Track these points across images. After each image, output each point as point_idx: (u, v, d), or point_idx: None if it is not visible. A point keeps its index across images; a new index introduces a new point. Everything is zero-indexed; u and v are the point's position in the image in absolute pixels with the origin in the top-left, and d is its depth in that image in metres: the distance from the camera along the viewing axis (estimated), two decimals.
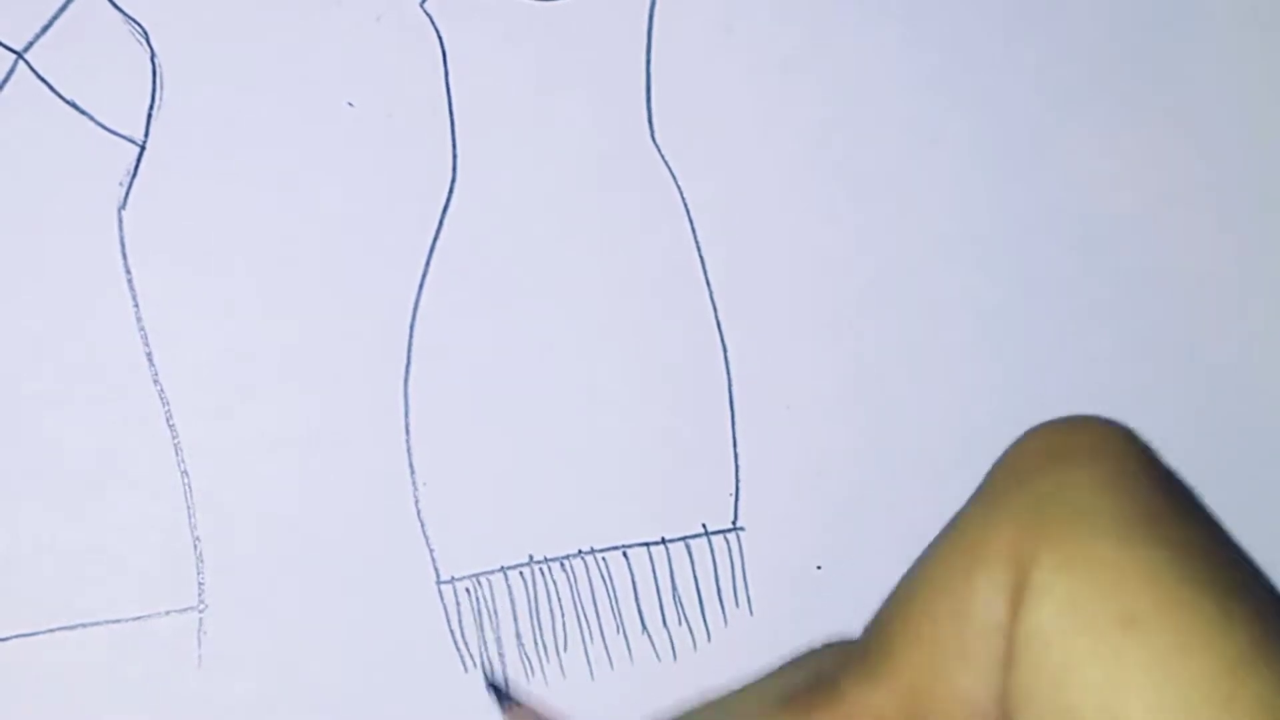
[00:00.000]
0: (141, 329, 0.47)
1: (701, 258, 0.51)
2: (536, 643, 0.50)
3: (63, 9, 0.47)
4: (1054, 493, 0.30)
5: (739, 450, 0.51)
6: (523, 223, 0.50)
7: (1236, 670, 0.27)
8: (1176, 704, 0.27)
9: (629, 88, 0.50)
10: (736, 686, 0.33)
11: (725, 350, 0.51)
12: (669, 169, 0.51)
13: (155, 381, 0.47)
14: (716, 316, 0.51)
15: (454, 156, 0.49)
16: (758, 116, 0.52)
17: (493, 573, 0.49)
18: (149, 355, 0.47)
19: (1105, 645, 0.28)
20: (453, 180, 0.49)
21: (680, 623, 0.51)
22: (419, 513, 0.49)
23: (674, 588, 0.51)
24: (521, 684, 0.49)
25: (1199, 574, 0.28)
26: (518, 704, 0.46)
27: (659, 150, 0.51)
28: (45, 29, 0.47)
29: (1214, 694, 0.27)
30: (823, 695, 0.32)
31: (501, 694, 0.48)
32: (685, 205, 0.51)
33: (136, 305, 0.47)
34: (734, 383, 0.51)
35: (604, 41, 0.50)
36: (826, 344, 0.52)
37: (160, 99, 0.47)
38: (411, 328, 0.49)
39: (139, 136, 0.47)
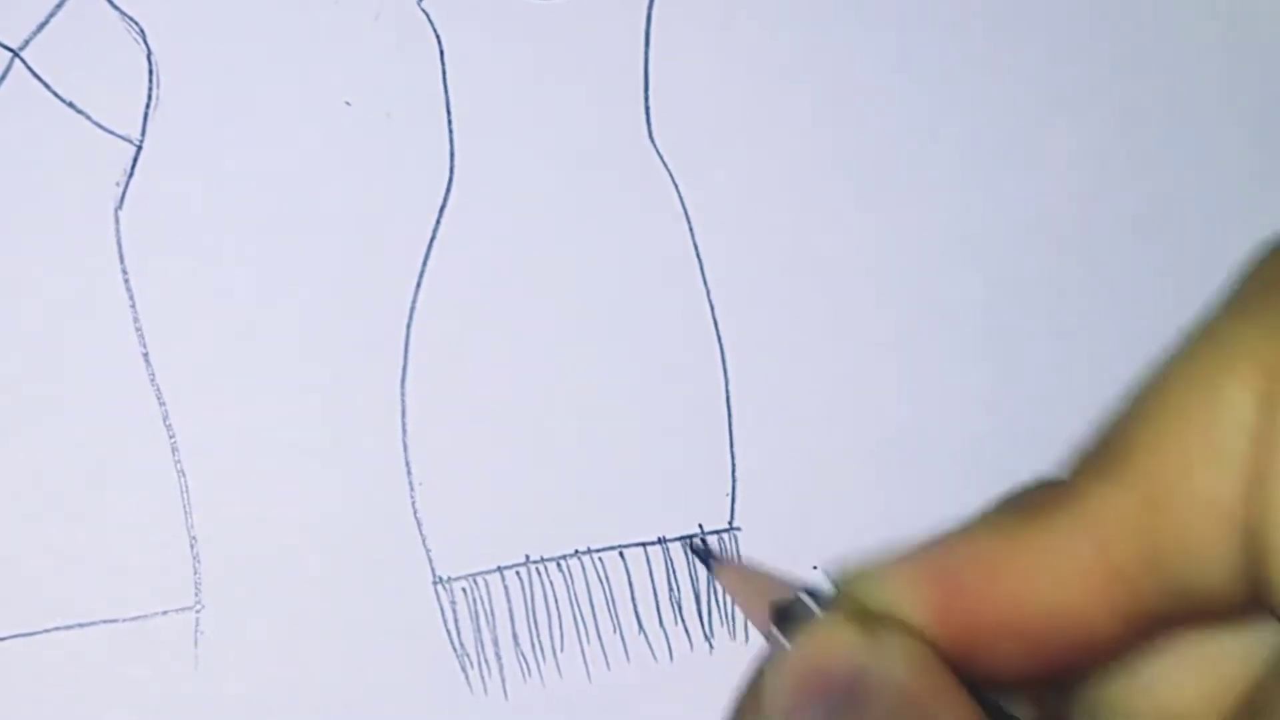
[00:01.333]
0: (138, 329, 0.47)
1: (699, 257, 0.51)
2: (533, 643, 0.50)
3: (59, 7, 0.47)
4: None
5: (735, 451, 0.51)
6: (520, 222, 0.50)
7: None
8: None
9: (627, 87, 0.50)
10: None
11: (722, 350, 0.51)
12: (667, 168, 0.51)
13: (152, 381, 0.47)
14: (713, 316, 0.51)
15: (451, 156, 0.49)
16: (755, 116, 0.51)
17: (489, 572, 0.49)
18: (146, 355, 0.47)
19: None
20: (450, 179, 0.49)
21: (676, 623, 0.51)
22: (415, 512, 0.49)
23: (670, 588, 0.51)
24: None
25: None
26: (724, 561, 0.45)
27: (657, 150, 0.51)
28: (41, 27, 0.47)
29: None
30: (1057, 496, 0.32)
31: (707, 556, 0.47)
32: (683, 205, 0.51)
33: (133, 305, 0.47)
34: (730, 383, 0.51)
35: (602, 41, 0.50)
36: (823, 344, 0.52)
37: (157, 98, 0.47)
38: (408, 327, 0.48)
39: (136, 136, 0.47)
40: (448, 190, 0.49)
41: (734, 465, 0.51)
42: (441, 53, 0.49)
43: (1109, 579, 0.31)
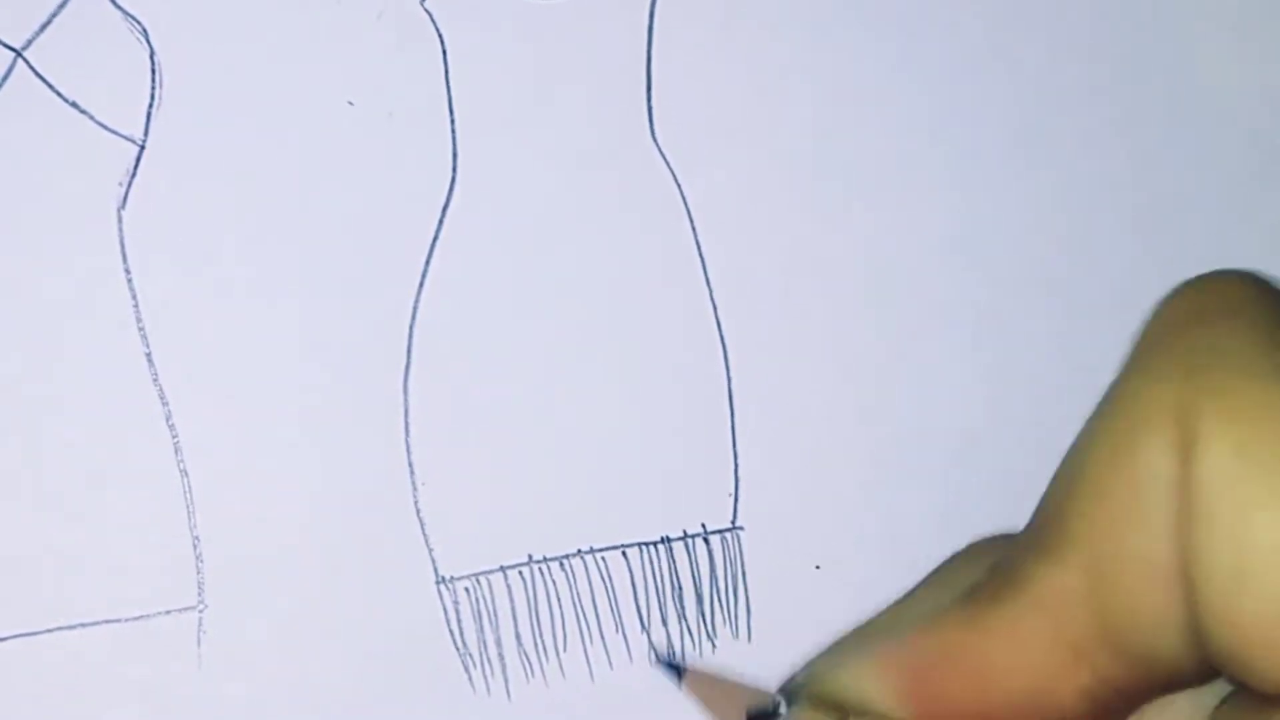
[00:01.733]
0: (141, 328, 0.47)
1: (701, 257, 0.51)
2: (536, 642, 0.50)
3: (62, 6, 0.47)
4: (1208, 346, 0.29)
5: (738, 450, 0.51)
6: (523, 221, 0.50)
7: None
8: None
9: (629, 86, 0.50)
10: (901, 595, 0.34)
11: (725, 349, 0.51)
12: (669, 167, 0.51)
13: (155, 381, 0.47)
14: (716, 315, 0.51)
15: (454, 155, 0.49)
16: (758, 115, 0.52)
17: (492, 572, 0.49)
18: (148, 355, 0.47)
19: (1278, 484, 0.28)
20: (453, 179, 0.49)
21: (680, 622, 0.51)
22: (418, 512, 0.49)
23: (674, 587, 0.51)
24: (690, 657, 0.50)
25: None
26: (694, 672, 0.45)
27: (659, 149, 0.51)
28: (44, 26, 0.47)
29: None
30: (1005, 582, 0.32)
31: (676, 669, 0.47)
32: (685, 204, 0.51)
33: (136, 305, 0.47)
34: (733, 382, 0.51)
35: (604, 40, 0.50)
36: (825, 343, 0.52)
37: (160, 97, 0.47)
38: (411, 327, 0.49)
39: (139, 136, 0.47)
40: (450, 189, 0.49)
41: (737, 465, 0.51)
42: (444, 52, 0.49)
43: (1067, 658, 0.31)
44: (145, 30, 0.47)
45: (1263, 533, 0.28)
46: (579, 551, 0.50)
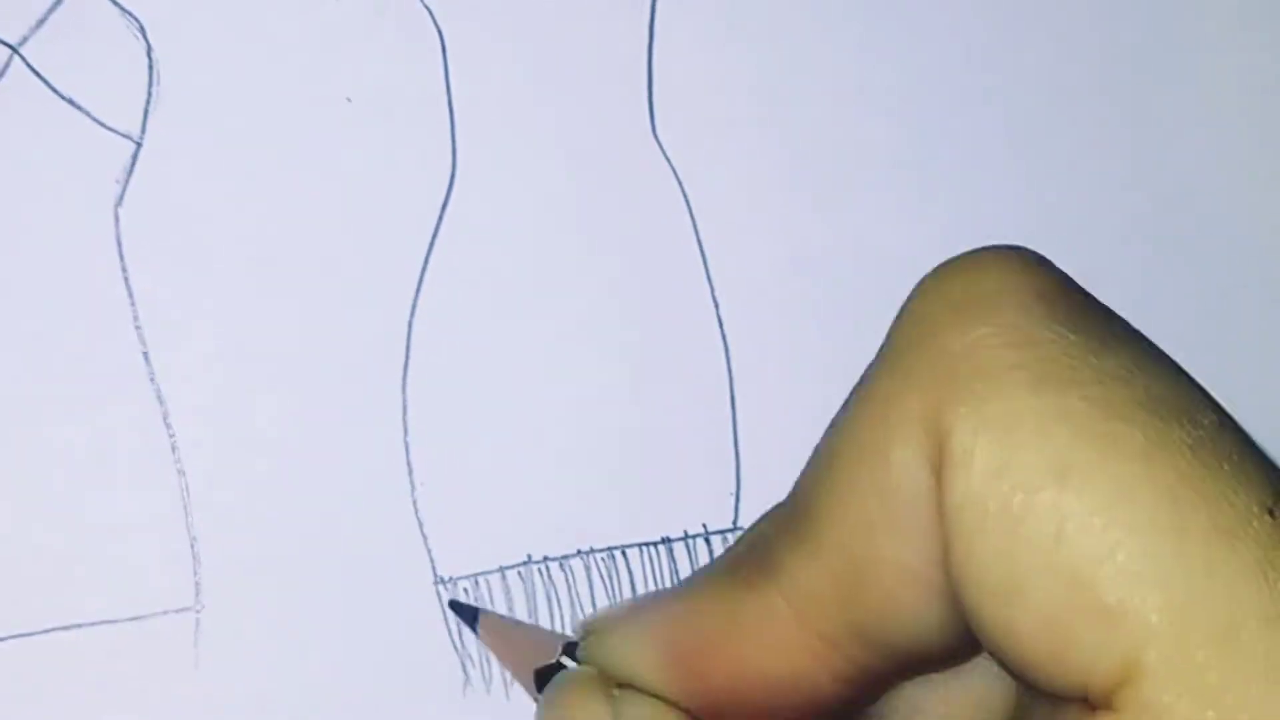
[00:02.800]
0: (138, 327, 0.47)
1: (703, 255, 0.51)
2: None
3: (58, 3, 0.47)
4: (962, 351, 0.29)
5: (740, 450, 0.51)
6: (523, 219, 0.49)
7: (1179, 498, 0.26)
8: (1128, 546, 0.26)
9: (630, 83, 0.50)
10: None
11: (727, 349, 0.51)
12: (671, 166, 0.50)
13: (152, 380, 0.47)
14: (718, 315, 0.51)
15: (453, 152, 0.49)
16: (759, 114, 0.52)
17: (491, 572, 0.49)
18: (145, 354, 0.46)
19: (1043, 501, 0.27)
20: (452, 175, 0.49)
21: None
22: (417, 512, 0.49)
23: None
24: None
25: (1126, 406, 0.27)
26: (488, 617, 0.46)
27: (661, 147, 0.50)
28: (40, 23, 0.47)
29: (1165, 527, 0.26)
30: (759, 565, 0.32)
31: (471, 612, 0.47)
32: (687, 202, 0.51)
33: (133, 303, 0.47)
34: (735, 381, 0.51)
35: (605, 37, 0.50)
36: (827, 343, 0.52)
37: (156, 94, 0.47)
38: (410, 326, 0.48)
39: (136, 133, 0.47)
40: (450, 186, 0.49)
41: (738, 464, 0.51)
42: (443, 48, 0.49)
43: (819, 647, 0.31)
44: (142, 27, 0.47)
45: (1031, 552, 0.27)
46: (578, 552, 0.50)
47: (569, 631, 0.44)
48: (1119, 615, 0.26)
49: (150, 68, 0.47)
